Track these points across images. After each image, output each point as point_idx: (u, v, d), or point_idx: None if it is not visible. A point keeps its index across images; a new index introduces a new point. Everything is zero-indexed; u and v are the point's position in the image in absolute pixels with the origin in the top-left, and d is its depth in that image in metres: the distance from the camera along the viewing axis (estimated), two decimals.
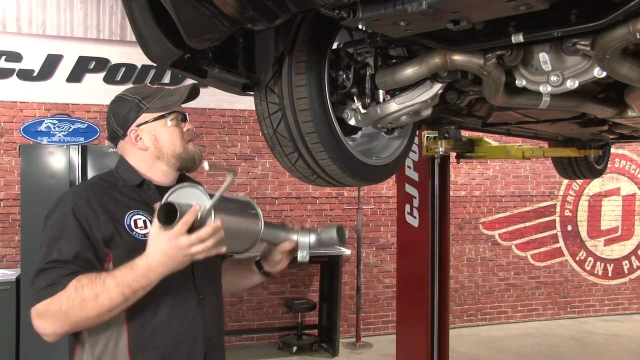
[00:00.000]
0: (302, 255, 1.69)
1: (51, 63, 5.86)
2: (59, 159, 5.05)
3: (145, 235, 1.50)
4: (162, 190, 1.52)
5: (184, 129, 1.69)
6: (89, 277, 1.41)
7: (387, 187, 6.70)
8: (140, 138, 1.64)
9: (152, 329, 1.53)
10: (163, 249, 1.37)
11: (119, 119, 1.65)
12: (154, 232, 1.39)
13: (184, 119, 1.71)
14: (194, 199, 1.40)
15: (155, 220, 1.37)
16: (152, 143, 1.64)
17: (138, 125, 1.63)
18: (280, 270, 1.80)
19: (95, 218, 1.50)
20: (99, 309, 1.38)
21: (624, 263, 8.22)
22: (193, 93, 1.68)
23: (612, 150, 5.47)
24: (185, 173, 1.75)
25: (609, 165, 4.85)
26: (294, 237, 1.70)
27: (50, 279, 1.40)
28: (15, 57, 5.76)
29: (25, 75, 5.79)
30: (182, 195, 1.42)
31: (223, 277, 1.82)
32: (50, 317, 1.38)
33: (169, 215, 1.34)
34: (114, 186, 1.61)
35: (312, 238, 1.69)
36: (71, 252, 1.44)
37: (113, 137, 1.69)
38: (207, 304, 1.65)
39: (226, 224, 1.41)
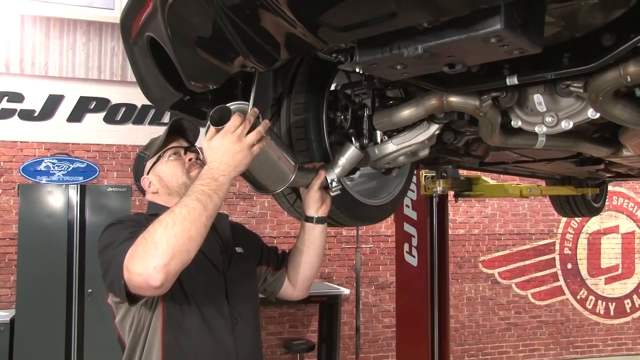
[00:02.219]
0: (333, 188, 1.71)
1: (52, 103, 5.93)
2: (58, 199, 5.06)
3: None
4: None
5: (187, 160, 1.74)
6: None
7: (386, 226, 6.68)
8: (152, 183, 1.74)
9: (183, 351, 1.57)
10: (219, 145, 1.40)
11: (136, 176, 1.80)
12: (209, 136, 1.43)
13: (187, 152, 1.76)
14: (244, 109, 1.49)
15: (209, 128, 1.43)
16: (159, 182, 1.73)
17: (147, 173, 1.74)
18: (328, 210, 1.79)
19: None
20: (182, 221, 1.34)
21: (625, 302, 8.14)
22: (175, 127, 1.75)
23: (610, 188, 5.49)
24: None
25: (606, 203, 4.86)
26: (321, 172, 1.71)
27: (128, 244, 1.39)
28: (17, 97, 5.82)
29: (27, 115, 5.85)
30: (234, 108, 1.50)
31: (297, 268, 1.87)
32: (142, 254, 1.33)
33: (222, 119, 1.41)
34: (147, 219, 1.64)
35: (337, 165, 1.72)
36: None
37: (142, 193, 1.80)
38: (241, 329, 1.67)
39: (271, 136, 1.50)
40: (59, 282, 4.92)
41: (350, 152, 1.71)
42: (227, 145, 1.39)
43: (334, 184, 1.71)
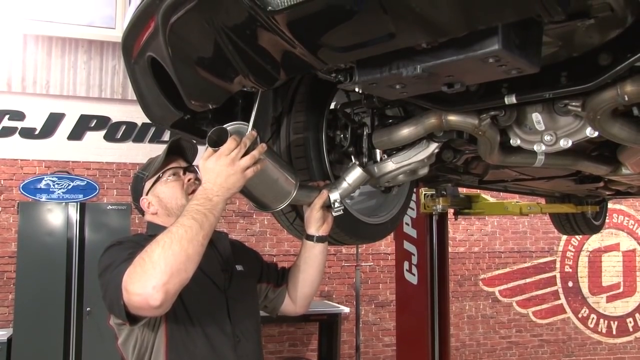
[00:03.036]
0: (335, 208, 1.71)
1: (53, 121, 5.95)
2: (57, 216, 5.05)
3: None
4: None
5: (186, 180, 1.73)
6: None
7: (386, 244, 6.66)
8: (152, 204, 1.73)
9: None
10: (213, 167, 1.42)
11: (134, 196, 1.78)
12: (205, 156, 1.45)
13: (186, 172, 1.75)
14: (242, 131, 1.49)
15: (207, 148, 1.44)
16: (158, 203, 1.72)
17: (146, 194, 1.73)
18: (329, 229, 1.78)
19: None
20: (179, 241, 1.35)
21: (628, 320, 8.08)
22: (174, 147, 1.75)
23: (610, 205, 5.49)
24: None
25: (607, 221, 4.85)
26: (324, 191, 1.71)
27: (126, 264, 1.40)
28: (18, 116, 5.85)
29: (27, 133, 5.87)
30: (233, 129, 1.50)
31: (297, 285, 1.87)
32: (140, 275, 1.33)
33: (220, 140, 1.42)
34: (146, 240, 1.64)
35: (341, 185, 1.71)
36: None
37: (141, 213, 1.79)
38: (244, 347, 1.68)
39: (269, 158, 1.50)
40: (57, 301, 4.89)
41: (356, 173, 1.71)
42: (220, 168, 1.41)
43: (337, 204, 1.71)
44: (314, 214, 1.75)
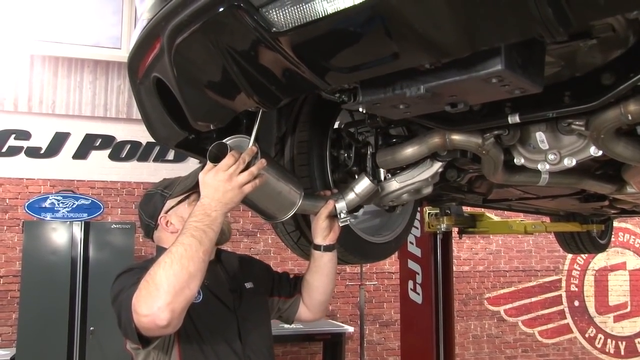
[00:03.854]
0: (341, 218, 1.71)
1: (59, 141, 5.99)
2: (62, 235, 5.05)
3: None
4: None
5: None
6: None
7: (390, 263, 6.63)
8: (171, 223, 1.74)
9: None
10: (211, 182, 1.44)
11: (148, 212, 1.78)
12: (205, 171, 1.46)
13: None
14: (244, 145, 1.49)
15: (207, 163, 1.45)
16: (181, 224, 1.69)
17: (166, 212, 1.75)
18: (335, 238, 1.78)
19: None
20: (179, 260, 1.37)
21: (636, 341, 7.98)
22: None
23: (615, 224, 5.46)
24: (217, 246, 1.78)
25: (612, 239, 4.83)
26: (330, 201, 1.70)
27: (134, 288, 1.42)
28: (24, 135, 5.89)
29: (33, 152, 5.90)
30: (234, 143, 1.51)
31: (310, 293, 1.87)
32: (146, 297, 1.37)
33: (221, 154, 1.43)
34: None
35: (348, 195, 1.70)
36: None
37: (147, 230, 1.80)
38: None
39: (270, 172, 1.50)
40: (61, 320, 4.88)
41: (364, 184, 1.69)
42: (218, 184, 1.43)
43: (342, 215, 1.71)
44: (320, 224, 1.75)
